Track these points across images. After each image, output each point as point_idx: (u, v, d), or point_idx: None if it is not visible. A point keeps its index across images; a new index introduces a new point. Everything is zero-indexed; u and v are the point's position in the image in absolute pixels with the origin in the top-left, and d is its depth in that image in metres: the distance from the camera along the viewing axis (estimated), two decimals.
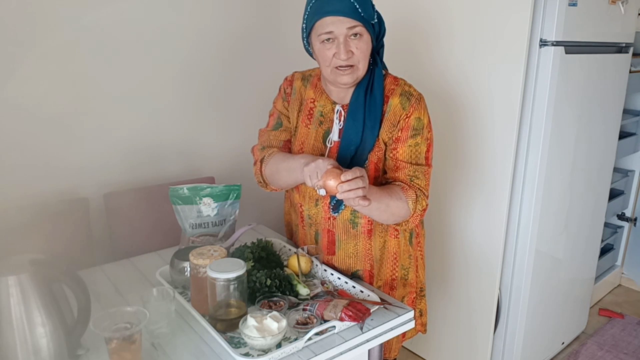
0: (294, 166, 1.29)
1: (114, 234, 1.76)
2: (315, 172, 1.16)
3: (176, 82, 1.92)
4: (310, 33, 1.27)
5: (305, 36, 1.29)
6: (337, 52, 1.22)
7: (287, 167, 1.32)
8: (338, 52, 1.21)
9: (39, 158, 1.65)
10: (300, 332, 1.10)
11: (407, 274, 1.45)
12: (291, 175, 1.31)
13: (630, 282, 3.06)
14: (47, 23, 1.59)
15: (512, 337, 2.05)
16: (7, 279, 0.93)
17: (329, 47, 1.23)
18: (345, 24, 1.19)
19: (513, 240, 1.95)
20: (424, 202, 1.29)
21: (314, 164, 1.17)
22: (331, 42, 1.22)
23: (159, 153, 1.93)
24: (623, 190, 2.90)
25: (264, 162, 1.41)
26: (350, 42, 1.22)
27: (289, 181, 1.35)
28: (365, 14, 1.21)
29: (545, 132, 1.81)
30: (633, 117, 2.77)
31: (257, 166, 1.44)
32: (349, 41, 1.22)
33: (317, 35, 1.23)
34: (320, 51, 1.25)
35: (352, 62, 1.23)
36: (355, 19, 1.19)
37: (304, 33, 1.29)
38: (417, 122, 1.29)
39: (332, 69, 1.25)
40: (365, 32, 1.23)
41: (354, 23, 1.20)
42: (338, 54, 1.22)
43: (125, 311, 1.02)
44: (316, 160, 1.17)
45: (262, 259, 1.35)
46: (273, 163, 1.38)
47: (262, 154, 1.43)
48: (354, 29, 1.21)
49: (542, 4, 1.71)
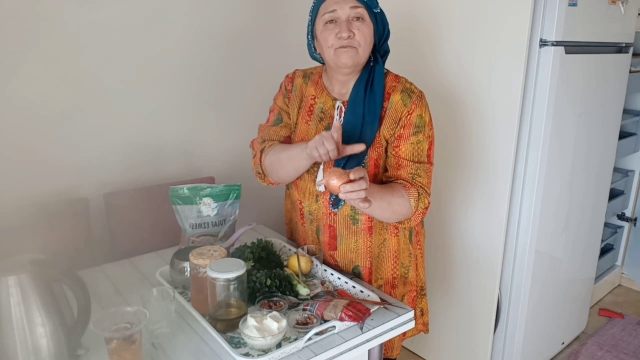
0: (295, 152, 1.31)
1: (114, 234, 1.76)
2: (320, 141, 1.19)
3: (176, 81, 1.92)
4: (315, 20, 1.30)
5: (311, 26, 1.33)
6: (339, 30, 1.24)
7: (288, 155, 1.34)
8: (340, 31, 1.24)
9: (39, 158, 1.64)
10: (300, 332, 1.10)
11: (407, 272, 1.46)
12: (293, 163, 1.33)
13: (630, 282, 3.06)
14: (47, 23, 1.59)
15: (512, 337, 2.05)
16: (7, 279, 0.93)
17: (332, 27, 1.26)
18: (348, 3, 1.24)
19: (513, 240, 1.95)
20: (426, 200, 1.29)
21: (318, 136, 1.20)
22: (334, 24, 1.26)
23: (159, 153, 1.93)
24: (623, 190, 2.90)
25: (264, 152, 1.43)
26: (353, 24, 1.25)
27: (290, 170, 1.36)
28: None
29: (545, 132, 1.81)
30: (633, 117, 2.77)
31: (256, 157, 1.45)
32: (351, 22, 1.25)
33: (321, 16, 1.27)
34: (322, 33, 1.28)
35: (353, 43, 1.26)
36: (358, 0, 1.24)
37: (310, 25, 1.33)
38: (419, 119, 1.30)
39: (334, 49, 1.27)
40: (367, 17, 1.27)
41: (357, 4, 1.25)
42: (340, 32, 1.24)
43: (125, 311, 1.02)
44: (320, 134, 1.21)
45: (262, 259, 1.35)
46: (273, 153, 1.39)
47: (262, 146, 1.45)
48: (356, 9, 1.25)
49: (542, 4, 1.71)
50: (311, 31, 1.34)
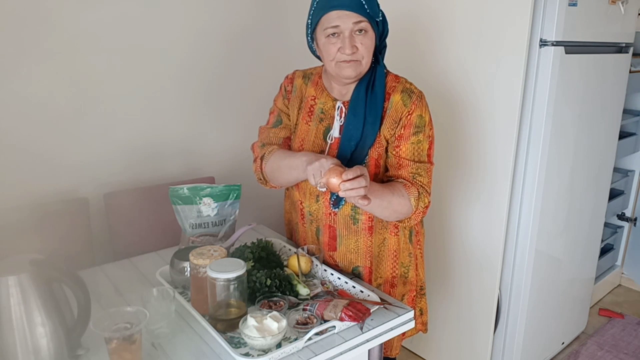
0: (295, 164, 1.30)
1: (114, 234, 1.76)
2: (319, 170, 1.17)
3: (176, 81, 1.92)
4: (316, 28, 1.28)
5: (310, 32, 1.31)
6: (342, 46, 1.23)
7: (288, 165, 1.33)
8: (343, 47, 1.23)
9: (39, 158, 1.64)
10: (300, 332, 1.10)
11: (407, 272, 1.46)
12: (292, 173, 1.32)
13: (630, 282, 3.06)
14: (47, 23, 1.59)
15: (512, 337, 2.05)
16: (7, 279, 0.93)
17: (334, 41, 1.24)
18: (351, 19, 1.22)
19: (513, 240, 1.95)
20: (426, 199, 1.29)
21: (318, 163, 1.18)
22: (336, 37, 1.24)
23: (159, 153, 1.93)
24: (623, 190, 2.90)
25: (264, 159, 1.42)
26: (355, 38, 1.24)
27: (290, 178, 1.36)
28: (371, 10, 1.23)
29: (545, 132, 1.81)
30: (633, 117, 2.77)
31: (257, 163, 1.45)
32: (354, 36, 1.24)
33: (323, 30, 1.25)
34: (325, 45, 1.26)
35: (357, 57, 1.25)
36: (361, 15, 1.22)
37: (309, 29, 1.31)
38: (419, 119, 1.30)
39: (336, 62, 1.26)
40: (370, 29, 1.25)
41: (360, 18, 1.22)
42: (343, 48, 1.23)
43: (125, 311, 1.02)
44: (320, 160, 1.18)
45: (262, 259, 1.35)
46: (273, 160, 1.38)
47: (262, 151, 1.44)
48: (359, 24, 1.23)
49: (542, 4, 1.71)
50: (311, 34, 1.32)
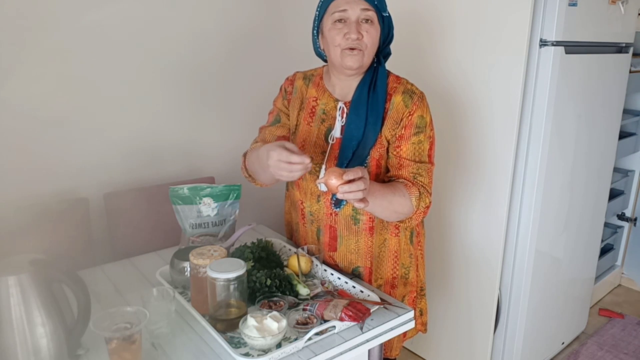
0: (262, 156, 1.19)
1: (114, 234, 1.76)
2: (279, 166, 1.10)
3: (177, 82, 1.92)
4: (323, 17, 1.30)
5: (317, 22, 1.32)
6: (348, 31, 1.24)
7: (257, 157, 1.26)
8: (349, 32, 1.24)
9: (39, 158, 1.64)
10: (300, 332, 1.10)
11: (407, 273, 1.46)
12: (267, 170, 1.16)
13: (630, 282, 3.06)
14: (47, 24, 1.59)
15: (512, 337, 2.05)
16: (7, 279, 0.93)
17: (340, 27, 1.26)
18: (359, 5, 1.24)
19: (513, 240, 1.95)
20: (427, 200, 1.30)
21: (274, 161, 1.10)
22: (343, 23, 1.26)
23: (159, 153, 1.93)
24: (623, 190, 2.90)
25: (247, 155, 1.42)
26: (362, 25, 1.26)
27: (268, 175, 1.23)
28: (378, 2, 1.27)
29: (545, 132, 1.81)
30: (633, 117, 2.78)
31: (242, 160, 1.45)
32: (360, 24, 1.25)
33: (331, 14, 1.27)
34: (330, 32, 1.27)
35: (361, 46, 1.26)
36: (369, 3, 1.25)
37: (316, 21, 1.32)
38: (420, 120, 1.30)
39: (341, 50, 1.27)
40: (376, 21, 1.27)
41: (368, 6, 1.25)
42: (349, 33, 1.24)
43: (125, 311, 1.02)
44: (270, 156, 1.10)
45: (262, 259, 1.35)
46: (250, 155, 1.38)
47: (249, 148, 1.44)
48: (366, 12, 1.25)
49: (542, 4, 1.71)
50: (317, 26, 1.33)
